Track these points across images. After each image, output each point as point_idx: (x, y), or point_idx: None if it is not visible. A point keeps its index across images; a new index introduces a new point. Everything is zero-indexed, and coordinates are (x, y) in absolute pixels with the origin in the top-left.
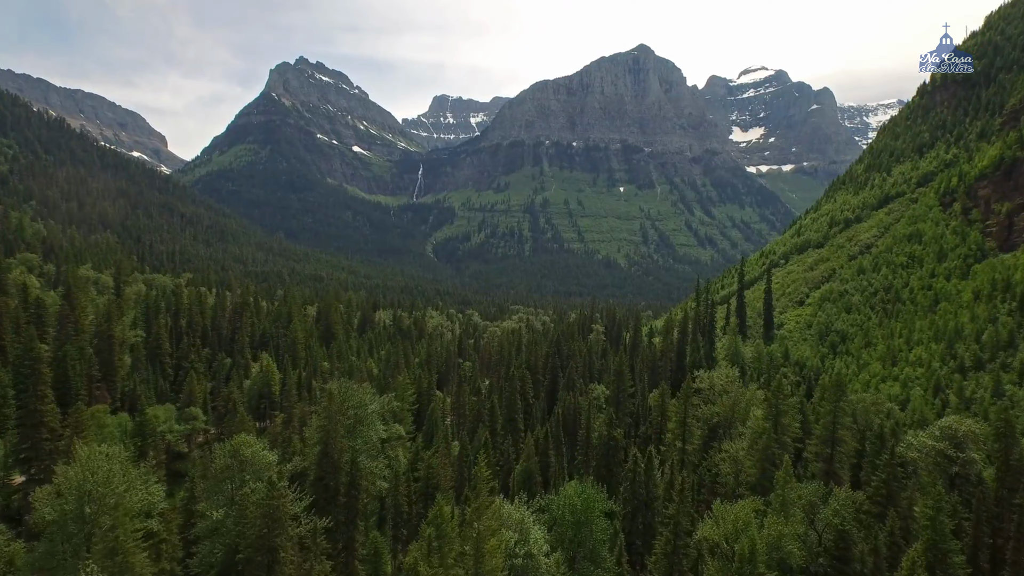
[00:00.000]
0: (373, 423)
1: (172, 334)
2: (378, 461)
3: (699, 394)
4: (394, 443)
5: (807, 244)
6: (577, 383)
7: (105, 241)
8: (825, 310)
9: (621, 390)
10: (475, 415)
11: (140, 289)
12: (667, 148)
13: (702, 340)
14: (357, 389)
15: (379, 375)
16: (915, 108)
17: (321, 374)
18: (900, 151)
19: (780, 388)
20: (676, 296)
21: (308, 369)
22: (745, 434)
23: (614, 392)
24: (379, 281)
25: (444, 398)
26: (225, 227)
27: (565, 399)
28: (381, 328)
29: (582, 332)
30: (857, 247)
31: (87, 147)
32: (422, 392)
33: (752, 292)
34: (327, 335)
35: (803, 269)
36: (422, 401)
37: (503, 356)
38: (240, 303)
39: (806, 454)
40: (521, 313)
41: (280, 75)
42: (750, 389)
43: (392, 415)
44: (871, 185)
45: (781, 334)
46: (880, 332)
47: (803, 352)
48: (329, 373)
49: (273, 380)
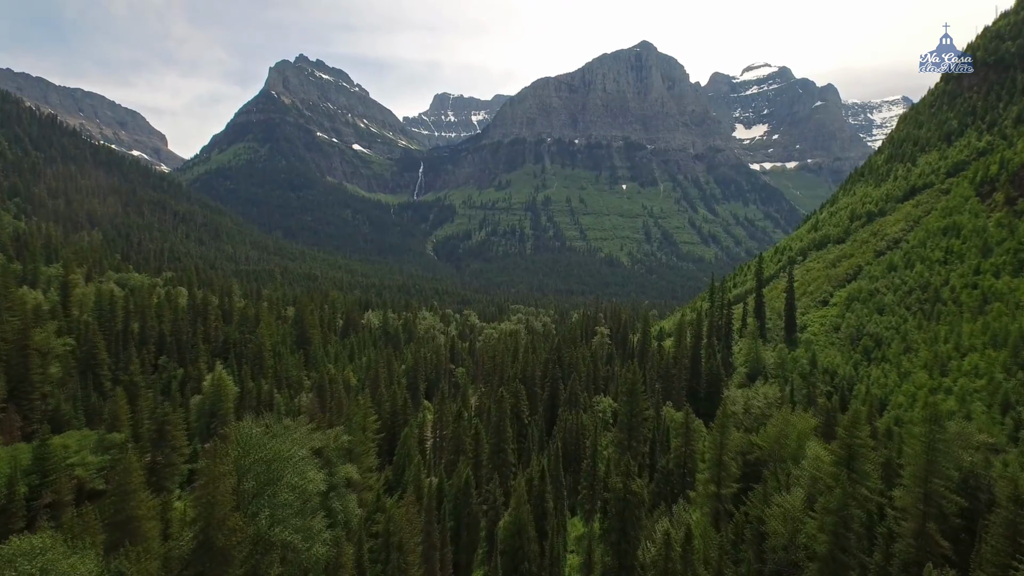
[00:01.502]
0: (301, 472)
1: (120, 341)
2: (315, 518)
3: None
4: (344, 490)
5: (826, 239)
6: (581, 396)
7: (89, 239)
8: (854, 311)
9: (634, 412)
10: (455, 443)
11: (111, 289)
12: (670, 145)
13: (718, 344)
14: (271, 434)
15: (357, 385)
16: (940, 94)
17: (290, 385)
18: (925, 140)
19: (856, 423)
20: (680, 294)
21: (273, 381)
22: (801, 478)
23: (626, 414)
24: (376, 280)
25: (425, 415)
26: (220, 225)
27: (567, 419)
28: (366, 331)
29: (585, 335)
30: (884, 242)
31: (80, 144)
32: (396, 412)
33: (768, 291)
34: (303, 340)
35: (824, 266)
36: (396, 422)
37: (496, 364)
38: (201, 304)
39: (890, 510)
40: (521, 313)
41: (280, 73)
42: (799, 415)
43: (346, 452)
44: (894, 176)
45: (804, 337)
46: (921, 336)
47: (832, 358)
48: (298, 384)
49: (226, 395)
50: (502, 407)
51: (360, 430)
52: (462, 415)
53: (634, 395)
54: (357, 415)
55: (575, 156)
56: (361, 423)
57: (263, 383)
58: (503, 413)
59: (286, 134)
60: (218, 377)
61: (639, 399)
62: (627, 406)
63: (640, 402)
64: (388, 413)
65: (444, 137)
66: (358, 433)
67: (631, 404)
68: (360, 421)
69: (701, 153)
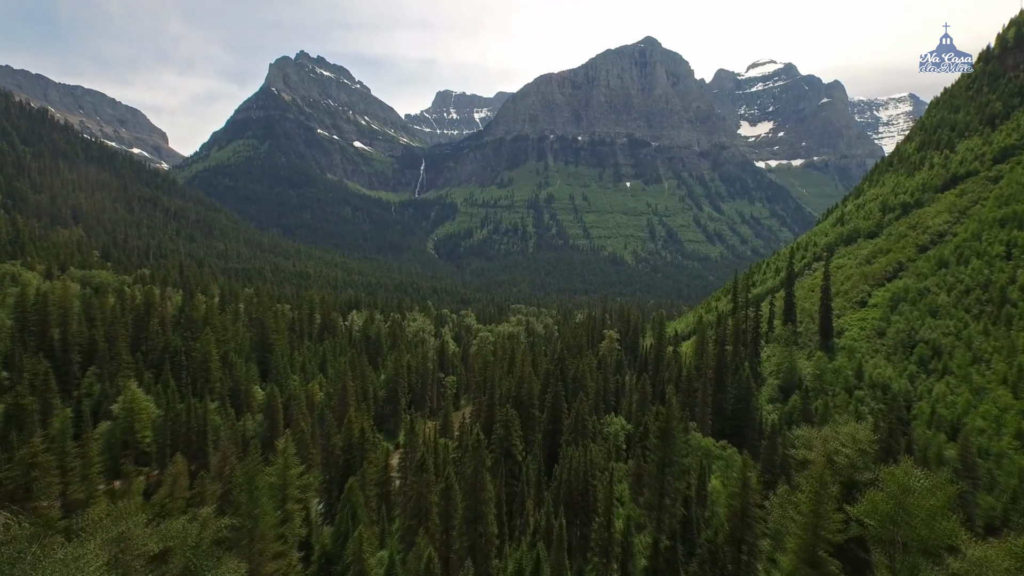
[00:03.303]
0: None
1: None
2: None
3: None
4: None
5: (855, 234)
6: (588, 420)
7: (69, 235)
8: (902, 313)
9: (667, 462)
10: (416, 504)
11: (70, 288)
12: (674, 142)
13: (744, 351)
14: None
15: (323, 401)
16: (978, 76)
17: (247, 404)
18: (964, 124)
19: None
20: (686, 294)
21: (221, 397)
22: None
23: (657, 464)
24: (373, 279)
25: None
26: (213, 222)
27: (572, 456)
28: (346, 335)
29: (591, 339)
30: (927, 235)
31: (71, 139)
32: (352, 445)
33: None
34: (264, 346)
35: (856, 263)
36: (352, 457)
37: (487, 377)
38: (141, 304)
39: None
40: (522, 314)
41: (280, 70)
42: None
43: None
44: (929, 164)
45: (842, 343)
46: (991, 344)
47: (881, 369)
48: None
49: (141, 419)
50: (478, 455)
51: (271, 494)
52: (425, 464)
53: (668, 438)
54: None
55: (578, 153)
56: (275, 481)
57: (197, 403)
58: (479, 463)
59: (286, 131)
60: (131, 399)
61: (674, 443)
62: (658, 454)
63: (677, 446)
64: (339, 447)
65: (446, 134)
66: (262, 502)
67: (663, 450)
68: (272, 480)
69: (706, 150)
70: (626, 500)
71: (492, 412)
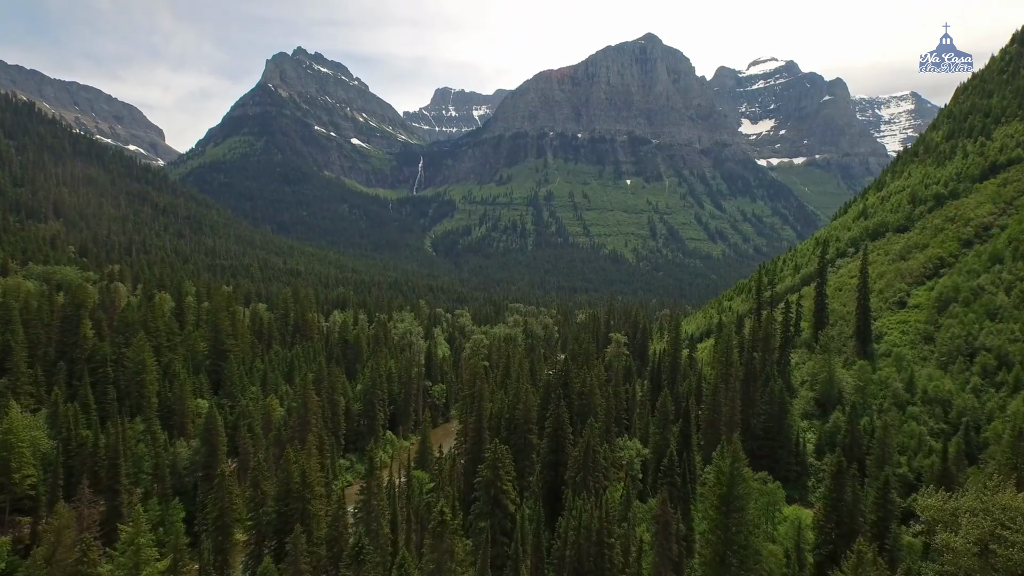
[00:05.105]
0: None
1: None
2: None
3: None
4: None
5: (883, 227)
6: (600, 451)
7: (45, 230)
8: (955, 316)
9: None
10: None
11: (23, 285)
12: (675, 140)
13: (773, 357)
14: None
15: (283, 419)
16: (1014, 57)
17: (186, 426)
18: (1000, 109)
19: None
20: (688, 292)
21: (156, 417)
22: None
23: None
24: (367, 276)
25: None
26: (204, 218)
27: (582, 512)
28: (321, 339)
29: (597, 342)
30: (970, 228)
31: (58, 133)
32: (290, 493)
33: (814, 291)
34: (218, 353)
35: (889, 259)
36: (290, 509)
37: (476, 392)
38: (70, 305)
39: None
40: (520, 314)
41: (277, 66)
42: None
43: None
44: (963, 153)
45: (883, 349)
46: None
47: (937, 381)
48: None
49: (20, 452)
50: (442, 544)
51: None
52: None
53: (734, 511)
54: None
55: (578, 150)
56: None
57: (111, 427)
58: (444, 554)
59: (283, 128)
60: (8, 427)
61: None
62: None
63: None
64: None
65: (445, 132)
66: None
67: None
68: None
69: (707, 148)
70: (647, 550)
71: (480, 438)
